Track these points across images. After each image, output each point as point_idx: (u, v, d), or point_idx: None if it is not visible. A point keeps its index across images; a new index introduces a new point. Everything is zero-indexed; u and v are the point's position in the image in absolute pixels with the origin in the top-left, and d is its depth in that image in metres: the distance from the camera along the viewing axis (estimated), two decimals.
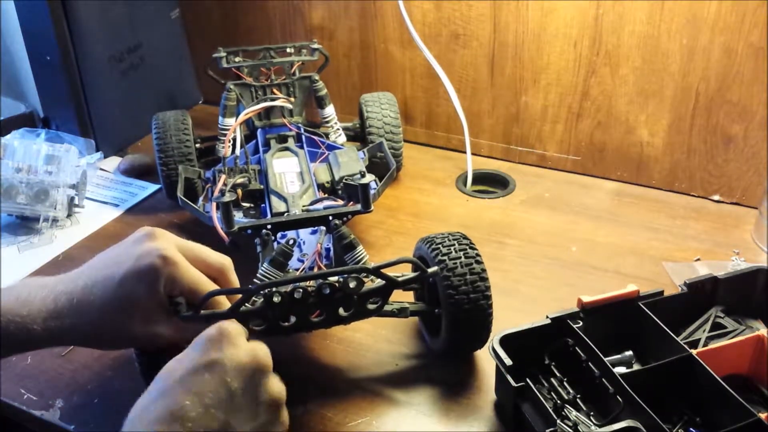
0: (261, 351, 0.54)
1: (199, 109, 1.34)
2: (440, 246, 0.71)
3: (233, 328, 0.55)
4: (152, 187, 1.10)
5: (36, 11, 1.07)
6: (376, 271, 0.63)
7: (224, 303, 0.62)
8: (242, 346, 0.53)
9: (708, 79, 0.96)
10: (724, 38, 0.92)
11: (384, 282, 0.65)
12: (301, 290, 0.62)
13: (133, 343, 0.64)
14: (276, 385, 0.54)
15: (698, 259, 0.90)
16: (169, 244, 0.60)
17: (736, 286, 0.75)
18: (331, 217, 0.76)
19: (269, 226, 0.75)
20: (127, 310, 0.59)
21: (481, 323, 0.70)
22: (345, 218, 0.76)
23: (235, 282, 0.64)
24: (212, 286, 0.61)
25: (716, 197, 1.03)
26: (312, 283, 0.64)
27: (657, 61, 0.98)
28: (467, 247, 0.71)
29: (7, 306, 0.59)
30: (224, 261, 0.64)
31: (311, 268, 0.76)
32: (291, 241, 0.73)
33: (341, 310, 0.66)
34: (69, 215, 1.03)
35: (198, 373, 0.51)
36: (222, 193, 0.80)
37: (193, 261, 0.61)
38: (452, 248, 0.71)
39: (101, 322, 0.59)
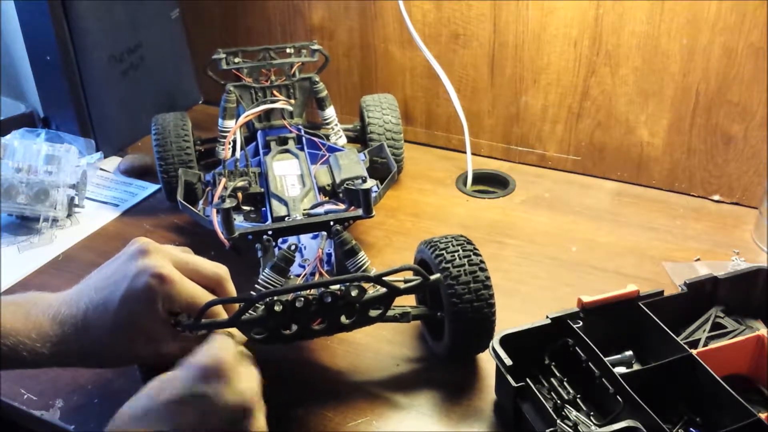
0: (252, 389, 0.53)
1: (198, 110, 1.34)
2: (443, 251, 0.70)
3: (231, 359, 0.54)
4: (152, 187, 1.10)
5: (36, 11, 1.07)
6: (378, 279, 0.63)
7: (222, 314, 0.61)
8: (234, 385, 0.52)
9: (708, 79, 0.96)
10: (724, 38, 0.92)
11: (386, 290, 0.65)
12: (302, 299, 0.62)
13: (139, 361, 0.64)
14: (259, 424, 0.53)
15: (698, 259, 0.90)
16: (162, 259, 0.59)
17: (736, 286, 0.75)
18: (332, 222, 0.75)
19: (270, 232, 0.75)
20: (129, 333, 0.58)
21: (484, 330, 0.70)
22: (346, 223, 0.76)
23: (232, 291, 0.63)
24: (210, 298, 0.60)
25: (716, 197, 1.03)
26: (313, 291, 0.64)
27: (657, 61, 0.98)
28: (471, 254, 0.70)
29: (17, 326, 0.58)
30: (220, 271, 0.63)
31: (312, 274, 0.75)
32: (292, 247, 0.72)
33: (343, 318, 0.65)
34: (69, 215, 1.02)
35: (182, 403, 0.51)
36: (222, 198, 0.80)
37: (188, 274, 0.60)
38: (456, 254, 0.69)
39: (106, 346, 0.59)
